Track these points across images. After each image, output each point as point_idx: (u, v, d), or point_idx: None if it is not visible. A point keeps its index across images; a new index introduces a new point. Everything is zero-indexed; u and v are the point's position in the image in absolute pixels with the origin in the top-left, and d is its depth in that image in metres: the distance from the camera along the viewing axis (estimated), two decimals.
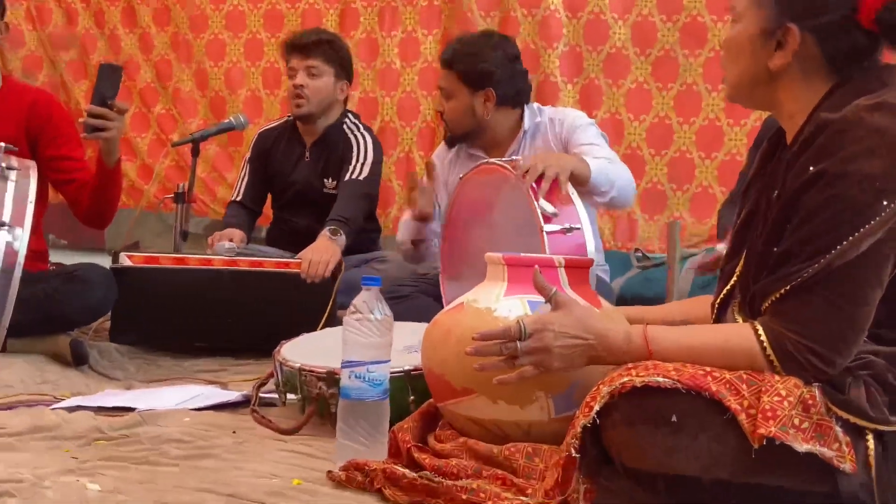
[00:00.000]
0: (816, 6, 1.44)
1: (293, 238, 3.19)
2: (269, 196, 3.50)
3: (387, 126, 4.11)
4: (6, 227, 2.19)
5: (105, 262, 2.86)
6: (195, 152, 3.18)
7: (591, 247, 2.29)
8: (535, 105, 2.87)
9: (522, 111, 2.81)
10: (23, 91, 2.83)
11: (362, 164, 3.19)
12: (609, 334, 1.50)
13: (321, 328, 2.67)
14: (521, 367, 1.50)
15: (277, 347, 2.14)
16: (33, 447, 1.81)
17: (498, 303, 1.63)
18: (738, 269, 1.57)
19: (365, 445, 1.67)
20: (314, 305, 2.78)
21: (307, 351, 2.09)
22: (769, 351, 1.38)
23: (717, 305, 1.60)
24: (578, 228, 2.28)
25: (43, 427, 1.91)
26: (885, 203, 1.32)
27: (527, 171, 2.26)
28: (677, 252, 2.23)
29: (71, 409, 2.07)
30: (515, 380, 1.51)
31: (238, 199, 3.41)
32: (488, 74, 2.73)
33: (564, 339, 1.49)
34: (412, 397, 1.88)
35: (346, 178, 3.17)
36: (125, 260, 2.81)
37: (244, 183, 3.43)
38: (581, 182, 2.39)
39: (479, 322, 1.61)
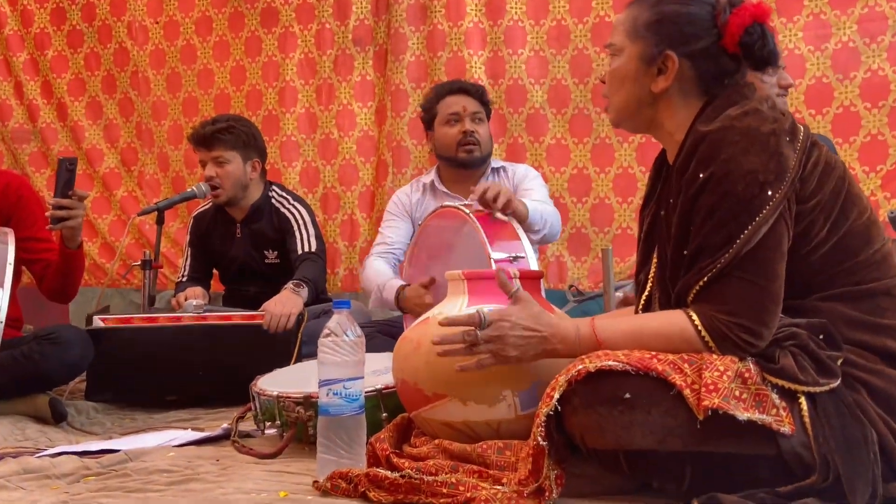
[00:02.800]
0: (689, 34, 1.54)
1: (246, 305, 3.10)
2: (217, 272, 3.45)
3: (329, 192, 4.11)
4: None
5: None
6: (160, 221, 3.16)
7: (536, 268, 2.34)
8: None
9: None
10: None
11: (309, 237, 3.16)
12: (560, 326, 1.54)
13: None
14: (479, 354, 1.52)
15: (254, 381, 2.11)
16: (24, 486, 1.73)
17: (461, 313, 1.64)
18: (651, 275, 1.63)
19: (345, 458, 1.64)
20: (279, 355, 2.71)
21: (282, 381, 2.06)
22: (703, 333, 1.43)
23: (640, 310, 1.65)
24: (523, 257, 2.33)
25: (31, 470, 1.82)
26: (769, 193, 1.41)
27: (484, 193, 2.37)
28: (611, 275, 2.28)
29: (55, 455, 1.98)
30: (475, 367, 1.53)
31: (184, 279, 3.33)
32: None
33: (520, 331, 1.52)
34: (385, 414, 1.87)
35: (300, 251, 3.13)
36: (98, 322, 2.75)
37: (188, 264, 3.37)
38: (521, 219, 2.48)
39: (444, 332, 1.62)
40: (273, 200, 3.29)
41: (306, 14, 4.10)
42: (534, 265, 2.35)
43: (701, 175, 1.45)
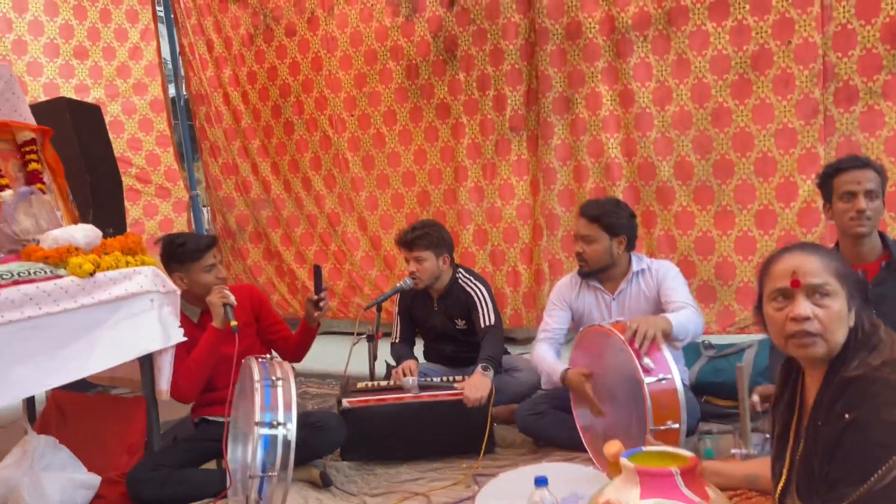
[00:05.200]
0: None
1: (443, 359, 3.42)
2: (420, 332, 3.66)
3: (495, 249, 4.27)
4: (282, 425, 2.43)
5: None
6: (378, 309, 3.44)
7: (680, 386, 2.42)
8: (636, 254, 3.04)
9: (630, 255, 3.02)
10: (241, 289, 3.13)
11: (488, 311, 3.33)
12: None
13: (485, 442, 2.88)
14: None
15: (476, 490, 2.32)
16: None
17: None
18: (785, 470, 1.65)
19: None
20: (477, 423, 2.96)
21: (500, 493, 2.26)
22: None
23: (777, 496, 1.67)
24: (669, 378, 2.42)
25: None
26: None
27: (634, 333, 2.46)
28: (746, 390, 2.34)
29: None
30: None
31: (397, 341, 3.58)
32: (622, 226, 2.95)
33: None
34: None
35: (483, 325, 3.29)
36: (346, 404, 3.09)
37: (398, 329, 3.60)
38: (666, 336, 2.55)
39: None
40: (460, 280, 3.48)
41: (472, 108, 4.21)
42: (678, 380, 2.45)
43: (847, 416, 1.47)
